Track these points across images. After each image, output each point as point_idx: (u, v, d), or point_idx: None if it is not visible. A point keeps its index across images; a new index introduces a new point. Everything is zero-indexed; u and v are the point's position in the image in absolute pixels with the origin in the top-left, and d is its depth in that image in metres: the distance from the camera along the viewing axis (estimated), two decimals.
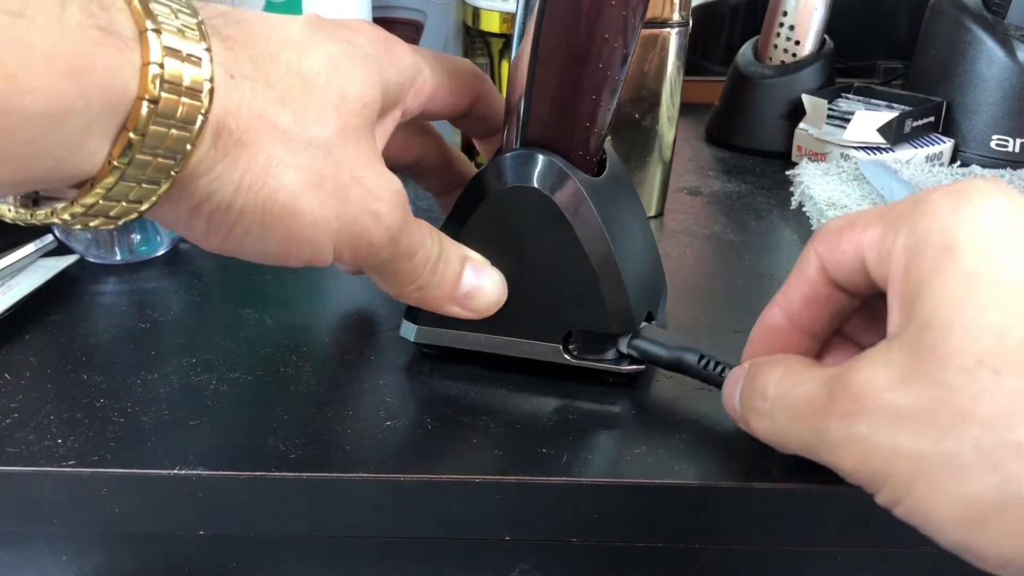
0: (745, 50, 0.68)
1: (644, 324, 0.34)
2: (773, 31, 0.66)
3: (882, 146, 0.60)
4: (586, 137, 0.32)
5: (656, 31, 0.48)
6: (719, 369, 0.32)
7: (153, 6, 0.22)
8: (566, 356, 0.34)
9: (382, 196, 0.28)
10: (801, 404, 0.26)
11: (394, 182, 0.29)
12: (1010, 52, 0.59)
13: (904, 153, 0.60)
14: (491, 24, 0.54)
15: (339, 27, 0.29)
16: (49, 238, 0.44)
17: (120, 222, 0.25)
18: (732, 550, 0.33)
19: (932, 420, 0.22)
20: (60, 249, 0.44)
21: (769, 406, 0.27)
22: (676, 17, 0.48)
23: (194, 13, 0.24)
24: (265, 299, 0.41)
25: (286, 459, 0.30)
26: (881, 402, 0.23)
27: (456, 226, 0.33)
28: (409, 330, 0.35)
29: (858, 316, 0.31)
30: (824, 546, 0.32)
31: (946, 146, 0.62)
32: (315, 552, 0.34)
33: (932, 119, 0.62)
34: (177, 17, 0.23)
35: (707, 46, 0.84)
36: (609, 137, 0.35)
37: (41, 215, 0.24)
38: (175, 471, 0.29)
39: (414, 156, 0.37)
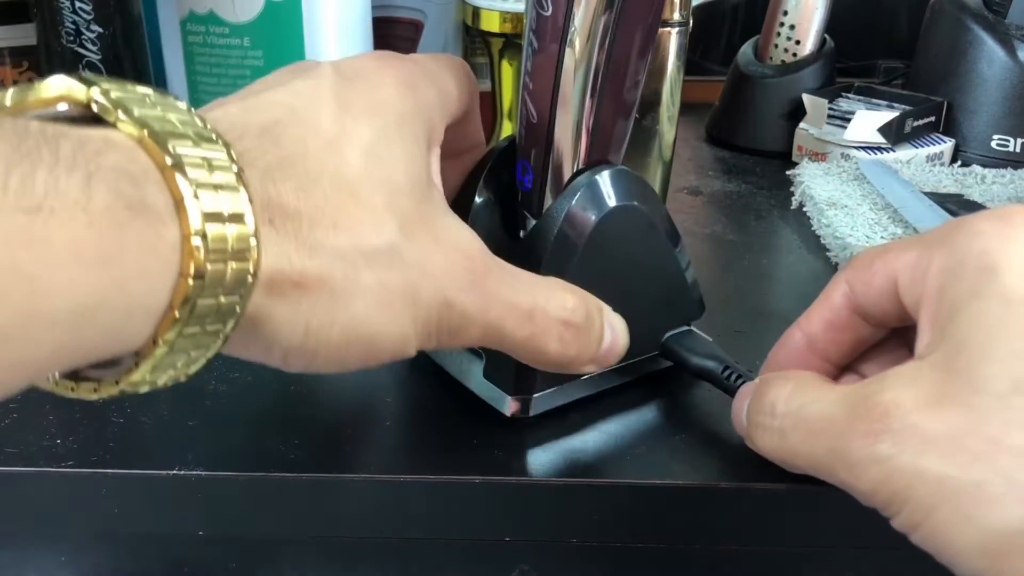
0: (745, 50, 0.68)
1: (685, 328, 0.35)
2: (773, 30, 0.66)
3: (883, 146, 0.60)
4: (624, 150, 0.33)
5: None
6: (740, 382, 0.32)
7: (189, 168, 0.20)
8: (662, 360, 0.35)
9: (448, 280, 0.25)
10: (816, 422, 0.25)
11: (461, 247, 0.26)
12: (1011, 52, 0.59)
13: (905, 153, 0.60)
14: (491, 24, 0.54)
15: (364, 90, 0.26)
16: None
17: (169, 384, 0.22)
18: (732, 550, 0.33)
19: (961, 445, 0.22)
20: None
21: (779, 423, 0.27)
22: (676, 17, 0.48)
23: (228, 154, 0.21)
24: None
25: (286, 459, 0.30)
26: (907, 423, 0.23)
27: (561, 256, 0.30)
28: (519, 404, 0.32)
29: (874, 352, 0.31)
30: (824, 546, 0.32)
31: (947, 146, 0.62)
32: (315, 552, 0.34)
33: (933, 119, 0.62)
34: (213, 170, 0.20)
35: (707, 46, 0.84)
36: None
37: (84, 391, 0.22)
38: (175, 471, 0.29)
39: None
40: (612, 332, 0.29)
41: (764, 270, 0.47)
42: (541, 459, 0.30)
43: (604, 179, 0.31)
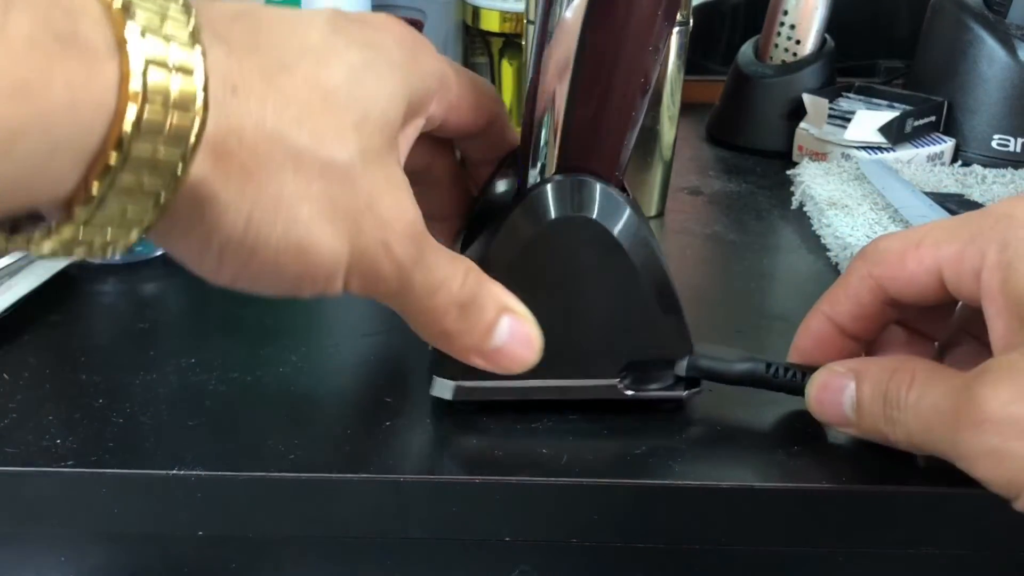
0: (746, 49, 0.68)
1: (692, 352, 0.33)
2: (774, 30, 0.66)
3: (883, 146, 0.60)
4: (621, 163, 0.31)
5: None
6: (790, 374, 0.32)
7: (137, 9, 0.19)
8: (624, 391, 0.32)
9: (394, 225, 0.26)
10: (931, 415, 0.27)
11: (408, 210, 0.26)
12: (1011, 52, 0.59)
13: (905, 153, 0.60)
14: (491, 23, 0.54)
15: (364, 27, 0.26)
16: None
17: (108, 254, 0.21)
18: (732, 550, 0.33)
19: None
20: None
21: (903, 416, 0.28)
22: (677, 17, 0.48)
23: (187, 12, 0.21)
24: (265, 299, 0.41)
25: (286, 459, 0.30)
26: (1007, 414, 0.24)
27: (498, 260, 0.30)
28: (445, 387, 0.32)
29: (911, 313, 0.33)
30: (824, 546, 0.32)
31: (947, 146, 0.62)
32: (315, 552, 0.34)
33: (933, 119, 0.62)
34: (165, 20, 0.20)
35: (708, 45, 0.84)
36: None
37: (19, 242, 0.21)
38: (174, 471, 0.29)
39: (420, 167, 0.35)
40: (512, 336, 0.28)
41: (764, 270, 0.47)
42: (541, 459, 0.30)
43: (555, 188, 0.30)
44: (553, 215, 0.30)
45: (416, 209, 0.27)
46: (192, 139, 0.20)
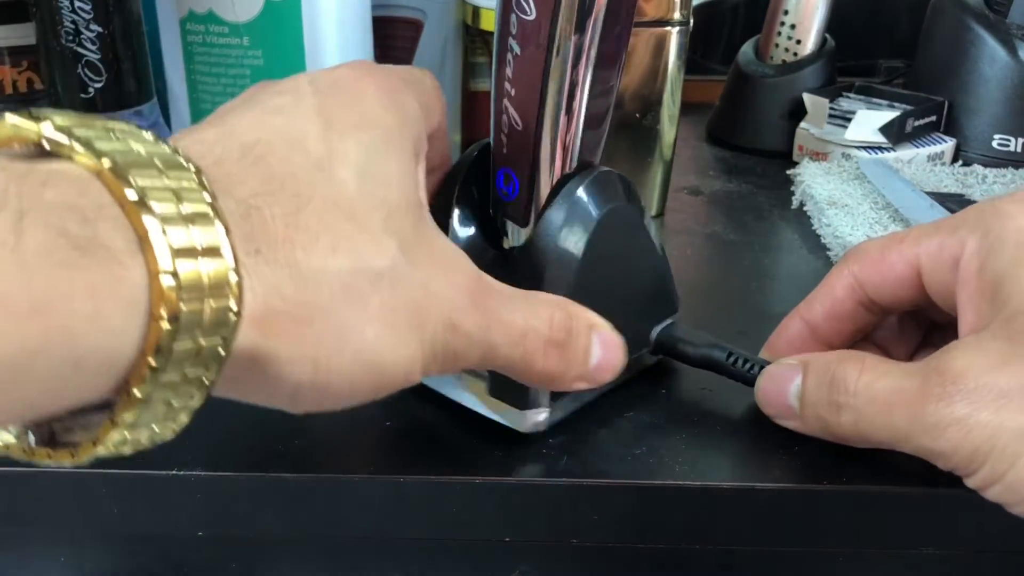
0: (746, 49, 0.68)
1: (670, 321, 0.35)
2: (774, 30, 0.66)
3: (883, 145, 0.60)
4: (600, 157, 0.33)
5: (657, 30, 0.48)
6: (747, 366, 0.32)
7: (154, 201, 0.18)
8: (651, 356, 0.35)
9: (455, 301, 0.24)
10: (890, 394, 0.27)
11: (462, 276, 0.25)
12: (1012, 51, 0.59)
13: (906, 152, 0.60)
14: (491, 23, 0.54)
15: (346, 103, 0.24)
16: None
17: (157, 443, 0.21)
18: (732, 550, 0.33)
19: None
20: None
21: (853, 400, 0.28)
22: (677, 16, 0.48)
23: (200, 183, 0.19)
24: None
25: (286, 459, 0.30)
26: (981, 383, 0.25)
27: (563, 267, 0.30)
28: (534, 418, 0.31)
29: (884, 327, 0.33)
30: (824, 546, 0.32)
31: (948, 145, 0.62)
32: (315, 552, 0.34)
33: (934, 118, 0.62)
34: (180, 200, 0.18)
35: (708, 45, 0.84)
36: (608, 137, 0.35)
37: (62, 457, 0.20)
38: (175, 471, 0.29)
39: None
40: (603, 349, 0.28)
41: (764, 270, 0.47)
42: (541, 459, 0.30)
43: (596, 182, 0.31)
44: (607, 205, 0.31)
45: (469, 266, 0.26)
46: (232, 319, 0.19)
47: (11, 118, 0.18)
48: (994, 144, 0.61)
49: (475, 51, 0.61)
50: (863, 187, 0.54)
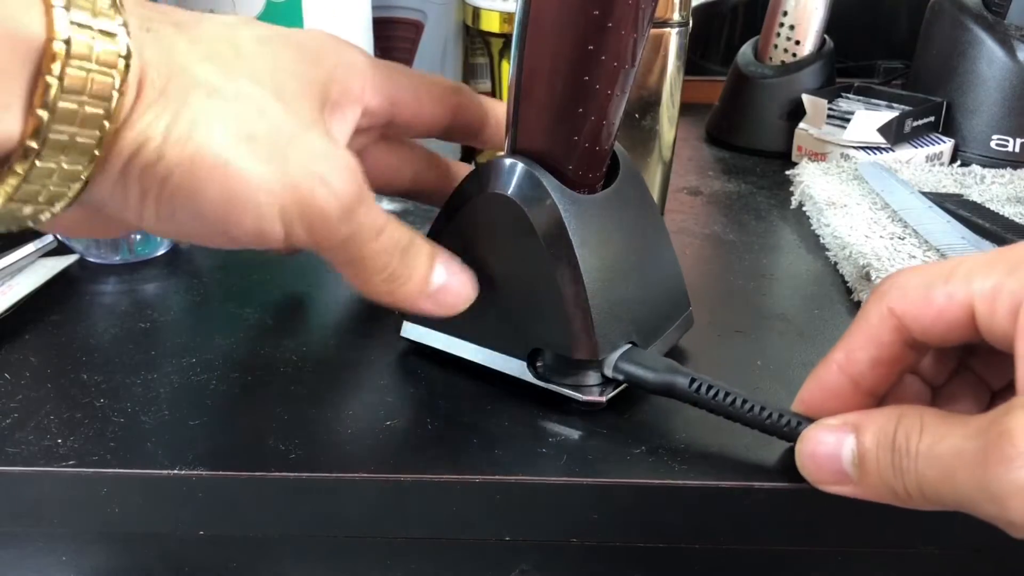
0: (745, 50, 0.68)
1: (629, 346, 0.33)
2: (773, 31, 0.66)
3: (882, 146, 0.60)
4: (578, 152, 0.31)
5: (656, 31, 0.48)
6: (712, 393, 0.30)
7: None
8: (531, 374, 0.33)
9: (329, 159, 0.26)
10: (950, 459, 0.25)
11: (345, 154, 0.27)
12: (1010, 52, 0.59)
13: (904, 153, 0.60)
14: (491, 24, 0.54)
15: (280, 30, 0.29)
16: (49, 238, 0.44)
17: (56, 206, 0.24)
18: (732, 550, 0.33)
19: None
20: (60, 249, 0.44)
21: (917, 464, 0.25)
22: (676, 17, 0.48)
23: None
24: (265, 299, 0.41)
25: (286, 459, 0.30)
26: None
27: (436, 229, 0.33)
28: (407, 329, 0.36)
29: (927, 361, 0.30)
30: (824, 546, 0.32)
31: (946, 146, 0.62)
32: (315, 552, 0.34)
33: (932, 119, 0.62)
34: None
35: (707, 46, 0.84)
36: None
37: None
38: (175, 471, 0.29)
39: (409, 175, 0.37)
40: (447, 277, 0.31)
41: (764, 270, 0.47)
42: (541, 459, 0.30)
43: (486, 168, 0.32)
44: (477, 190, 0.32)
45: (354, 157, 0.27)
46: (121, 64, 0.23)
47: None
48: (992, 144, 0.61)
49: (475, 51, 0.61)
50: (862, 187, 0.54)
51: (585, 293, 0.31)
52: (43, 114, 0.22)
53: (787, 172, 0.59)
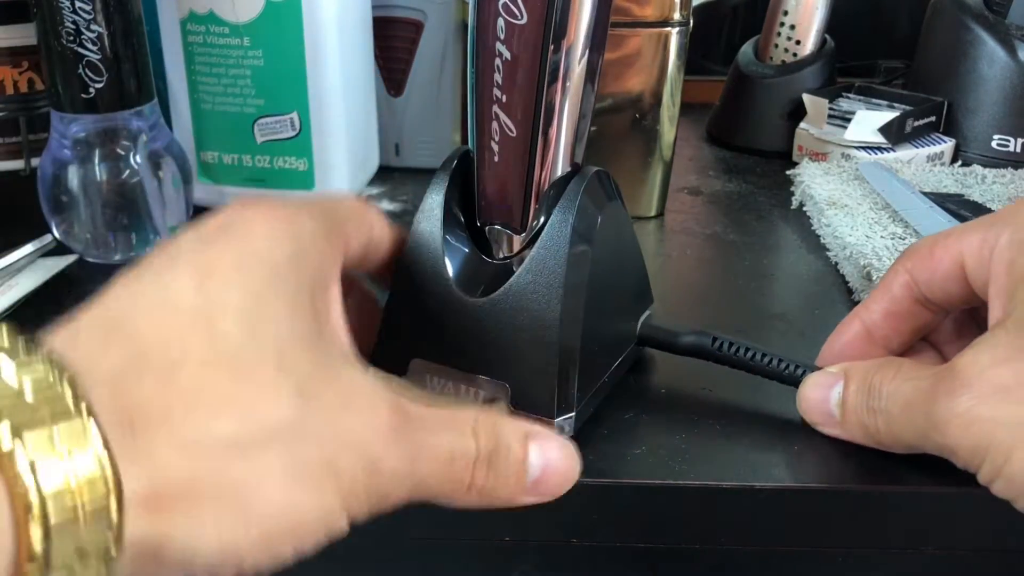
0: (746, 49, 0.68)
1: (648, 313, 0.35)
2: (774, 30, 0.66)
3: (883, 146, 0.60)
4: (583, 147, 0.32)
5: (657, 31, 0.48)
6: (733, 349, 0.33)
7: (5, 419, 0.17)
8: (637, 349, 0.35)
9: (372, 442, 0.22)
10: (911, 395, 0.27)
11: (378, 411, 0.22)
12: (1011, 52, 0.59)
13: (905, 153, 0.60)
14: None
15: (227, 246, 0.23)
16: (48, 238, 0.44)
17: None
18: (732, 550, 0.33)
19: None
20: (59, 249, 0.44)
21: (884, 403, 0.28)
22: (677, 16, 0.48)
23: (53, 374, 0.18)
24: None
25: None
26: (983, 378, 0.25)
27: (578, 267, 0.30)
28: (561, 426, 0.30)
29: (942, 329, 0.33)
30: (824, 546, 0.32)
31: (947, 146, 0.62)
32: (315, 552, 0.34)
33: (933, 119, 0.62)
34: (41, 407, 0.17)
35: (707, 46, 0.84)
36: (608, 138, 0.35)
37: None
38: None
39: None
40: (543, 460, 0.25)
41: (764, 270, 0.47)
42: None
43: (595, 182, 0.31)
44: (606, 202, 0.31)
45: (386, 396, 0.23)
46: (113, 517, 0.18)
47: None
48: (993, 144, 0.61)
49: None
50: (863, 187, 0.54)
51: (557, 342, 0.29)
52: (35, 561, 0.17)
53: (788, 172, 0.59)
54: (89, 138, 0.42)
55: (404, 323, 0.31)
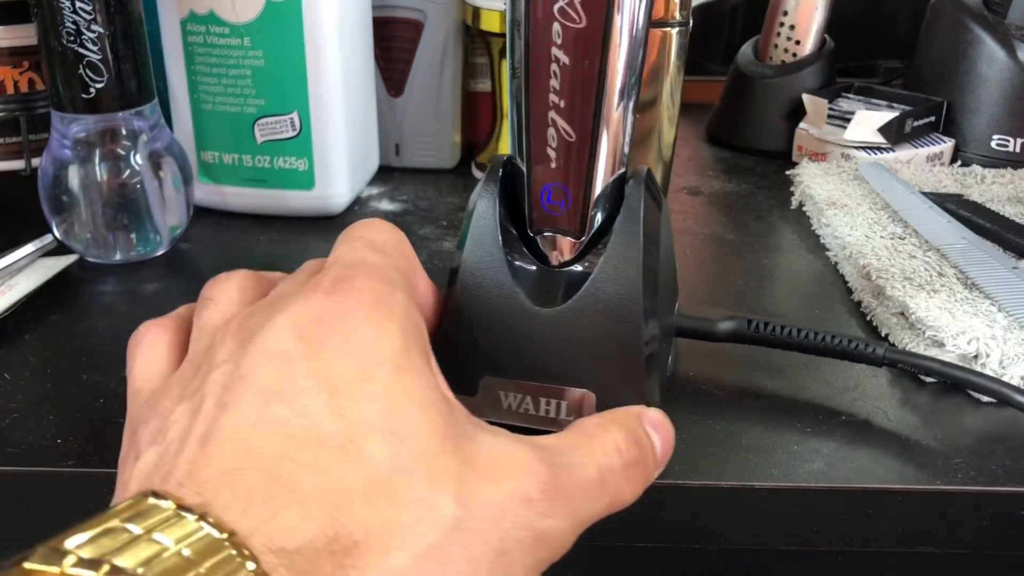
0: (745, 50, 0.68)
1: (677, 305, 0.35)
2: (773, 30, 0.66)
3: (883, 146, 0.60)
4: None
5: (656, 31, 0.48)
6: (769, 329, 0.33)
7: None
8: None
9: (530, 515, 0.22)
10: None
11: (524, 473, 0.22)
12: (1010, 52, 0.59)
13: (905, 153, 0.60)
14: (491, 24, 0.54)
15: (339, 348, 0.22)
16: (49, 238, 0.44)
17: None
18: (732, 550, 0.33)
19: None
20: (60, 249, 0.44)
21: None
22: (677, 17, 0.48)
23: (237, 553, 0.18)
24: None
25: None
26: None
27: (651, 266, 0.30)
28: None
29: None
30: (824, 546, 0.32)
31: (947, 146, 0.62)
32: None
33: (932, 119, 0.62)
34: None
35: (707, 46, 0.84)
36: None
37: None
38: None
39: None
40: (658, 431, 0.26)
41: (764, 270, 0.47)
42: None
43: (651, 181, 0.31)
44: (662, 199, 0.33)
45: (528, 454, 0.23)
46: None
47: (28, 563, 0.17)
48: (993, 144, 0.61)
49: (475, 51, 0.61)
50: (862, 187, 0.54)
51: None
52: None
53: (787, 172, 0.59)
54: (89, 138, 0.43)
55: (470, 342, 0.30)
